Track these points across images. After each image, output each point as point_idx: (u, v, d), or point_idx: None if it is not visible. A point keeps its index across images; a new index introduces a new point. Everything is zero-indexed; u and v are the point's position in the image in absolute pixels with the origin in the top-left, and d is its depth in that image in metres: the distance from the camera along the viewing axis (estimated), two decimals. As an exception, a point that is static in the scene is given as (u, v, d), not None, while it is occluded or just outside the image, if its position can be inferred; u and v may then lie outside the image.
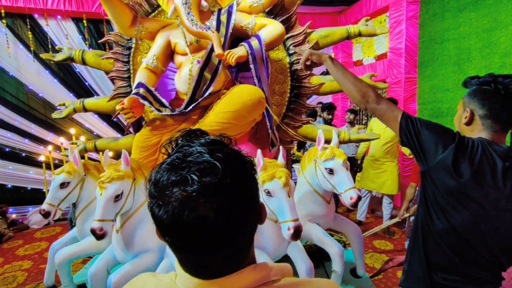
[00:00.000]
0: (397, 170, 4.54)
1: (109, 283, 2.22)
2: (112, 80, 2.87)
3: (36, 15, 5.46)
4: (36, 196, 5.78)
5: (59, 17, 5.54)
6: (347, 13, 6.33)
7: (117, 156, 4.47)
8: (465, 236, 1.26)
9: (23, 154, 5.72)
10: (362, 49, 6.36)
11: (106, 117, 5.92)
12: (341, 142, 2.91)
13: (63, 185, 2.34)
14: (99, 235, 2.07)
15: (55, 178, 2.34)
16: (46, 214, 2.30)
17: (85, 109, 2.93)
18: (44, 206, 2.31)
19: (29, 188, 5.82)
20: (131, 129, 2.68)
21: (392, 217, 4.58)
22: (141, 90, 2.43)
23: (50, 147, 5.59)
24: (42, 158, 5.58)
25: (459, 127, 1.39)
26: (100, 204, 2.09)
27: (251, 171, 0.64)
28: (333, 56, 2.38)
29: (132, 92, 2.46)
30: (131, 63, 2.76)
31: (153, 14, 2.77)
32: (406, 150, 4.40)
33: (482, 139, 1.25)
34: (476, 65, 4.33)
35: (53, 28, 5.55)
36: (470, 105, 1.31)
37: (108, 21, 5.76)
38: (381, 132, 4.14)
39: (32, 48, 5.45)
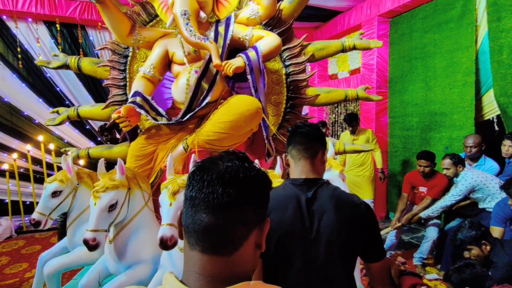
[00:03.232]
0: (373, 177, 4.69)
1: (101, 295, 2.17)
2: (108, 87, 2.82)
3: (4, 17, 5.21)
4: (-3, 207, 5.43)
5: (30, 19, 5.33)
6: (322, 29, 6.58)
7: (90, 164, 4.32)
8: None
9: (-15, 162, 5.38)
10: (337, 63, 6.61)
11: (78, 124, 5.71)
12: (337, 153, 3.02)
13: (55, 193, 2.27)
14: (92, 245, 2.01)
15: (47, 186, 2.26)
16: (36, 224, 2.22)
17: (79, 117, 2.86)
18: (35, 215, 2.22)
19: (-11, 198, 5.47)
20: (122, 138, 2.64)
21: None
22: (138, 99, 2.42)
23: (15, 155, 5.30)
24: (6, 167, 5.28)
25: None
26: (93, 214, 2.04)
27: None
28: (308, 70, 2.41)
29: (129, 101, 2.44)
30: (127, 71, 2.73)
31: (151, 23, 2.77)
32: (378, 164, 4.61)
33: (284, 182, 1.37)
34: (441, 82, 4.64)
35: (22, 31, 5.32)
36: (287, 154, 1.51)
37: (82, 26, 5.62)
38: (357, 143, 4.35)
39: (-1, 51, 5.19)
